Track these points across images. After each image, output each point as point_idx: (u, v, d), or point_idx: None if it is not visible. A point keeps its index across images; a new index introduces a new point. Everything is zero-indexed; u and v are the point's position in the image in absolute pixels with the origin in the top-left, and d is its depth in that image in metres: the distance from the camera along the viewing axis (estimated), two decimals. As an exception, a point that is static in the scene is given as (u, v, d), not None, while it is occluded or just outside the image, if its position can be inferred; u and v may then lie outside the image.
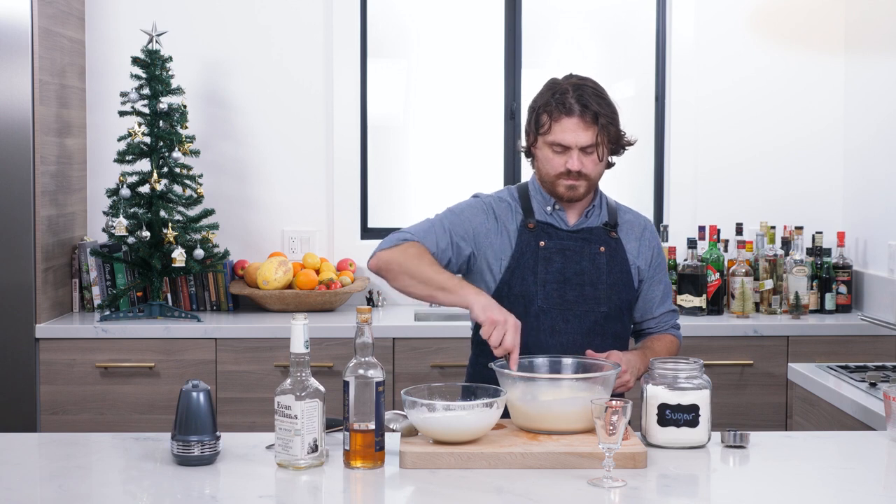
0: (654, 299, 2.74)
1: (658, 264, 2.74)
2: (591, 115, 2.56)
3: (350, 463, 2.12)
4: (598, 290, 2.63)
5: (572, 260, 2.63)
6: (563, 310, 2.61)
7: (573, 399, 2.25)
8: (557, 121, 2.57)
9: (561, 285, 2.62)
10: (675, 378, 2.28)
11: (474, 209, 2.68)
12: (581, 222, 2.67)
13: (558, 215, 2.67)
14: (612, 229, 2.68)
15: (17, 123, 3.75)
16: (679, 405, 2.26)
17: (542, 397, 2.27)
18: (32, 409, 3.78)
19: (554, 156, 2.59)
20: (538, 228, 2.65)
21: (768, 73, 4.43)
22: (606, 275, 2.64)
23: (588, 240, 2.65)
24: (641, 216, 2.77)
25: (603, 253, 2.65)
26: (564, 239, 2.65)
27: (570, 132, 2.56)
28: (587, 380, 2.29)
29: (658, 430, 2.27)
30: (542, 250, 2.63)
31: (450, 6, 4.54)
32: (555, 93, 2.60)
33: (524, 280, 2.62)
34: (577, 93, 2.58)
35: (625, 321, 2.70)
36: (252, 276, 4.14)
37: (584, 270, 2.63)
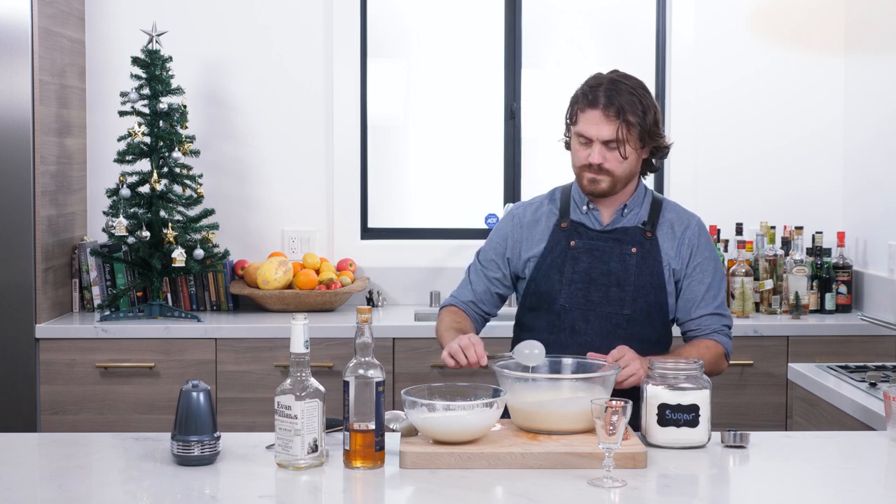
0: (694, 300, 2.65)
1: (699, 263, 2.65)
2: (616, 110, 2.55)
3: (350, 463, 2.12)
4: (624, 292, 2.61)
5: (600, 260, 2.63)
6: (586, 310, 2.62)
7: (573, 399, 2.25)
8: (583, 111, 2.59)
9: (586, 285, 2.62)
10: (675, 378, 2.28)
11: (500, 228, 2.78)
12: (615, 221, 2.67)
13: (592, 215, 2.68)
14: (649, 229, 2.65)
15: (17, 123, 3.75)
16: (679, 405, 2.26)
17: (542, 397, 2.27)
18: (32, 409, 3.78)
19: (579, 147, 2.62)
20: (570, 228, 2.67)
21: (768, 73, 4.43)
22: (635, 276, 2.61)
23: (620, 240, 2.64)
24: (688, 214, 2.71)
25: (634, 254, 2.63)
26: (595, 239, 2.65)
27: (593, 124, 2.57)
28: (587, 380, 2.29)
29: (658, 430, 2.27)
30: (572, 250, 2.65)
31: (450, 6, 4.54)
32: (589, 84, 2.62)
33: (549, 278, 2.65)
34: (609, 86, 2.58)
35: (655, 324, 2.64)
36: (252, 276, 4.14)
37: (612, 271, 2.62)
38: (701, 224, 2.71)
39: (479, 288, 2.77)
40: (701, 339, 2.66)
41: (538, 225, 2.71)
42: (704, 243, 2.68)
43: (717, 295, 2.67)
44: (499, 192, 4.52)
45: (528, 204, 2.79)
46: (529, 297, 2.69)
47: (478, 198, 4.54)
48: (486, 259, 2.78)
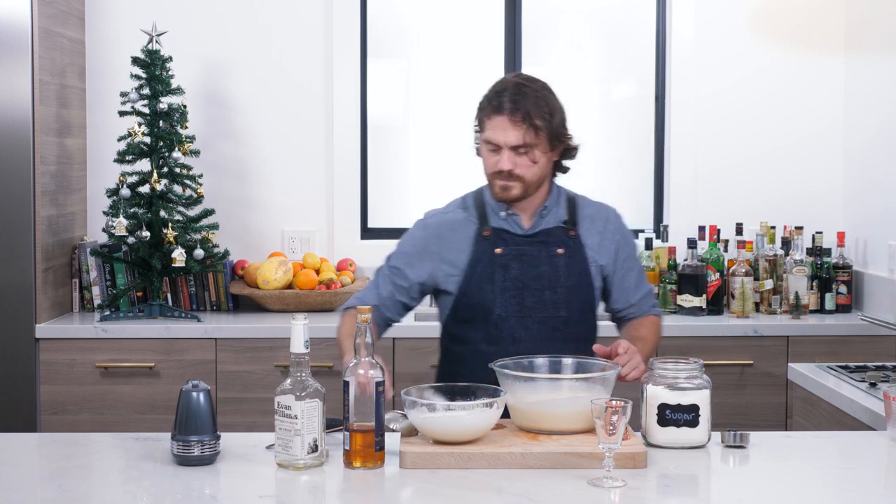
0: (630, 287, 2.71)
1: (627, 254, 2.71)
2: (522, 115, 2.53)
3: (350, 463, 2.12)
4: (556, 295, 2.60)
5: (529, 265, 2.61)
6: (523, 317, 2.59)
7: (573, 399, 2.25)
8: (489, 118, 2.57)
9: (519, 292, 2.59)
10: (675, 378, 2.28)
11: (414, 238, 2.70)
12: (536, 224, 2.64)
13: (512, 220, 2.65)
14: (570, 228, 2.65)
15: (17, 123, 3.75)
16: (679, 405, 2.26)
17: (542, 397, 2.27)
18: (32, 409, 3.78)
19: (489, 154, 2.59)
20: (494, 235, 2.63)
21: (768, 73, 4.43)
22: (565, 278, 2.61)
23: (545, 242, 2.63)
24: (604, 207, 2.73)
25: (561, 255, 2.62)
26: (521, 244, 2.62)
27: (500, 130, 2.55)
28: (587, 380, 2.29)
29: (658, 430, 2.27)
30: (499, 257, 2.61)
31: (450, 6, 4.54)
32: (494, 91, 2.59)
33: (481, 289, 2.60)
34: (514, 91, 2.55)
35: (588, 323, 2.67)
36: (252, 276, 4.14)
37: (543, 275, 2.61)
38: (618, 215, 2.74)
39: (384, 293, 2.67)
40: (641, 318, 2.73)
41: (457, 235, 2.65)
42: (626, 234, 2.73)
43: (644, 276, 2.77)
44: (499, 192, 4.51)
45: (441, 213, 2.72)
46: (461, 310, 2.62)
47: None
48: (395, 267, 2.68)
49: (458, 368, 2.62)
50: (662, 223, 4.40)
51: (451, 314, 2.66)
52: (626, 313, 2.75)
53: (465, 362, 2.62)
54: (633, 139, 4.59)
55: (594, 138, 4.59)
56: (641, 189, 4.55)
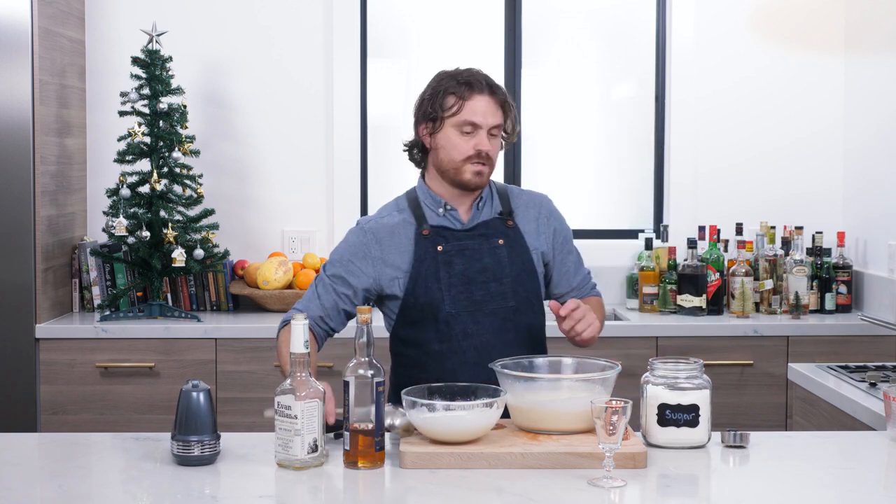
0: (569, 270, 2.73)
1: (564, 237, 2.73)
2: (501, 95, 2.60)
3: (350, 463, 2.12)
4: (503, 285, 2.61)
5: (473, 258, 2.61)
6: (473, 311, 2.59)
7: (572, 399, 2.25)
8: (469, 99, 2.57)
9: (466, 286, 2.59)
10: (675, 378, 2.28)
11: (352, 244, 2.65)
12: (474, 217, 2.65)
13: (451, 216, 2.64)
14: (507, 217, 2.66)
15: (17, 123, 3.75)
16: (679, 405, 2.26)
17: (542, 397, 2.27)
18: (32, 409, 3.78)
19: (462, 138, 2.58)
20: (433, 233, 2.62)
21: (768, 73, 4.43)
22: (509, 267, 2.61)
23: (485, 235, 2.63)
24: (536, 195, 2.75)
25: (503, 245, 2.63)
26: (462, 239, 2.62)
27: (481, 110, 2.57)
28: (587, 380, 2.29)
29: (658, 430, 2.27)
30: (442, 255, 2.60)
31: (450, 6, 4.54)
32: (457, 76, 2.61)
33: (428, 288, 2.59)
34: (481, 75, 2.62)
35: (536, 310, 2.67)
36: (252, 276, 4.14)
37: (487, 267, 2.61)
38: (550, 202, 2.76)
39: (327, 303, 2.62)
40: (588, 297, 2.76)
41: (395, 237, 2.64)
42: (560, 218, 2.75)
43: (581, 260, 2.79)
44: (499, 192, 4.52)
45: (377, 218, 2.70)
46: (409, 312, 2.60)
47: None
48: (334, 275, 2.63)
49: (413, 372, 2.59)
50: (662, 223, 4.40)
51: (399, 318, 2.64)
52: (568, 297, 2.72)
53: (419, 365, 2.61)
54: (633, 139, 4.59)
55: (594, 138, 4.59)
56: (641, 189, 4.55)
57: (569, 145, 4.57)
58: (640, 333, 3.88)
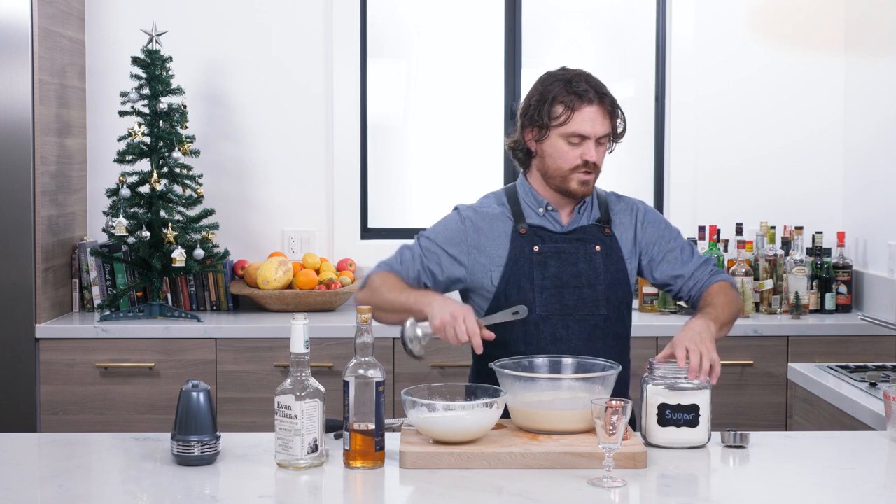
0: (675, 262, 2.63)
1: (665, 235, 2.64)
2: (609, 103, 2.54)
3: (350, 463, 2.12)
4: (596, 292, 2.57)
5: (568, 262, 2.57)
6: (563, 315, 2.55)
7: (573, 399, 2.25)
8: (578, 110, 2.51)
9: (559, 290, 2.55)
10: (675, 378, 2.28)
11: (451, 228, 2.62)
12: (574, 221, 2.61)
13: (551, 216, 2.61)
14: (605, 225, 2.62)
15: (17, 123, 3.75)
16: (679, 405, 2.26)
17: (542, 397, 2.27)
18: (32, 409, 3.78)
19: (569, 148, 2.53)
20: (531, 233, 2.59)
21: (768, 73, 4.43)
22: (604, 275, 2.57)
23: (583, 240, 2.59)
24: (633, 201, 2.70)
25: (599, 252, 2.59)
26: (559, 241, 2.59)
27: (590, 121, 2.51)
28: (587, 380, 2.29)
29: (658, 430, 2.27)
30: (537, 255, 2.57)
31: (450, 6, 4.54)
32: (567, 82, 2.54)
33: (521, 288, 2.55)
34: (591, 82, 2.55)
35: (625, 321, 2.63)
36: (252, 276, 4.14)
37: (582, 272, 2.57)
38: (646, 206, 2.70)
39: (410, 273, 2.58)
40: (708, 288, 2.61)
41: (494, 230, 2.60)
42: (658, 221, 2.68)
43: (692, 251, 2.67)
44: (499, 192, 4.52)
45: (477, 208, 2.66)
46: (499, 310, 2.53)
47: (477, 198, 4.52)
48: (430, 249, 2.59)
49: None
50: (662, 223, 4.39)
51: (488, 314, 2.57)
52: (685, 291, 2.64)
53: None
54: (633, 139, 4.59)
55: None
56: (641, 189, 4.55)
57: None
58: (640, 333, 3.87)
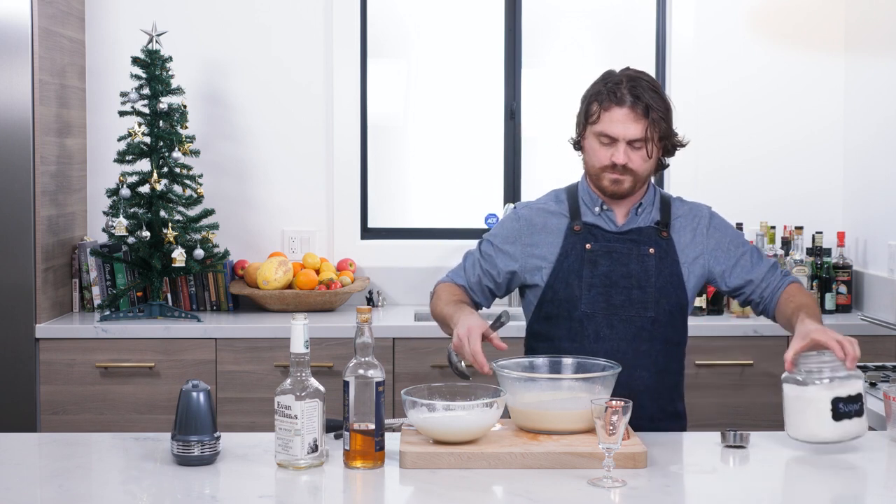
0: (746, 267, 2.61)
1: (730, 241, 2.62)
2: (643, 108, 2.50)
3: (350, 463, 2.12)
4: (646, 294, 2.55)
5: (620, 262, 2.56)
6: (609, 314, 2.54)
7: (572, 399, 2.25)
8: (607, 110, 2.51)
9: (607, 289, 2.54)
10: (833, 370, 2.24)
11: (507, 227, 2.67)
12: (630, 222, 2.60)
13: (606, 216, 2.60)
14: (663, 228, 2.60)
15: (17, 123, 3.75)
16: (850, 396, 2.22)
17: (542, 397, 2.27)
18: (32, 409, 3.78)
19: (600, 147, 2.53)
20: (584, 230, 2.59)
21: (768, 73, 4.43)
22: (655, 277, 2.55)
23: (637, 241, 2.58)
24: (698, 206, 2.67)
25: (652, 255, 2.57)
26: (612, 241, 2.58)
27: (619, 123, 2.50)
28: (587, 380, 2.29)
29: (832, 426, 2.21)
30: (589, 253, 2.56)
31: (450, 6, 4.54)
32: (608, 82, 2.55)
33: (569, 284, 2.55)
34: (630, 83, 2.52)
35: (677, 325, 2.59)
36: (252, 276, 4.14)
37: (632, 273, 2.55)
38: (711, 212, 2.67)
39: (472, 278, 2.67)
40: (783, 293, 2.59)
41: (548, 228, 2.62)
42: (723, 226, 2.66)
43: (760, 256, 2.64)
44: (499, 192, 4.52)
45: (534, 205, 2.69)
46: (546, 306, 2.58)
47: (478, 198, 4.54)
48: (487, 252, 2.66)
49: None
50: (662, 223, 4.39)
51: (537, 310, 2.61)
52: (758, 297, 2.62)
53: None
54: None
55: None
56: (641, 189, 4.55)
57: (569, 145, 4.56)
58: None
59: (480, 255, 2.68)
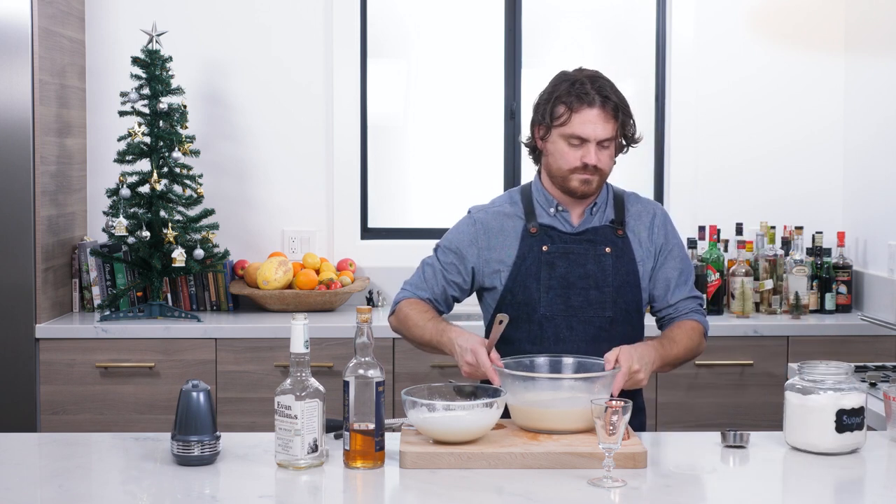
0: (668, 286, 2.62)
1: (670, 250, 2.63)
2: (612, 108, 2.51)
3: (350, 463, 2.12)
4: (603, 294, 2.56)
5: (577, 263, 2.56)
6: (568, 316, 2.55)
7: (573, 399, 2.25)
8: (578, 112, 2.51)
9: (565, 290, 2.55)
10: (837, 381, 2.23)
11: (462, 233, 2.66)
12: (585, 222, 2.60)
13: (561, 216, 2.60)
14: (618, 227, 2.61)
15: (17, 123, 3.75)
16: (853, 409, 2.21)
17: (542, 397, 2.27)
18: (32, 409, 3.78)
19: (569, 149, 2.53)
20: (541, 232, 2.59)
21: (768, 73, 4.43)
22: (612, 277, 2.56)
23: (593, 241, 2.58)
24: (650, 204, 2.68)
25: (609, 254, 2.57)
26: (568, 242, 2.58)
27: (591, 124, 2.50)
28: (587, 379, 2.29)
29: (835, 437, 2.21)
30: (545, 255, 2.57)
31: (450, 6, 4.54)
32: (573, 83, 2.54)
33: (527, 287, 2.56)
34: (595, 84, 2.53)
35: (634, 324, 2.61)
36: (252, 276, 4.14)
37: (590, 274, 2.56)
38: (665, 213, 2.69)
39: (437, 290, 2.65)
40: (680, 320, 2.63)
41: (504, 231, 2.62)
42: (671, 231, 2.67)
43: (689, 278, 2.66)
44: (499, 192, 4.49)
45: (489, 208, 2.68)
46: (505, 309, 2.56)
47: (478, 198, 4.49)
48: (446, 261, 2.64)
49: None
50: (662, 223, 4.39)
51: (495, 313, 2.59)
52: (663, 313, 2.66)
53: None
54: (633, 139, 4.58)
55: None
56: (641, 189, 4.52)
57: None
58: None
59: (441, 265, 2.66)
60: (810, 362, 2.29)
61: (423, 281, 2.67)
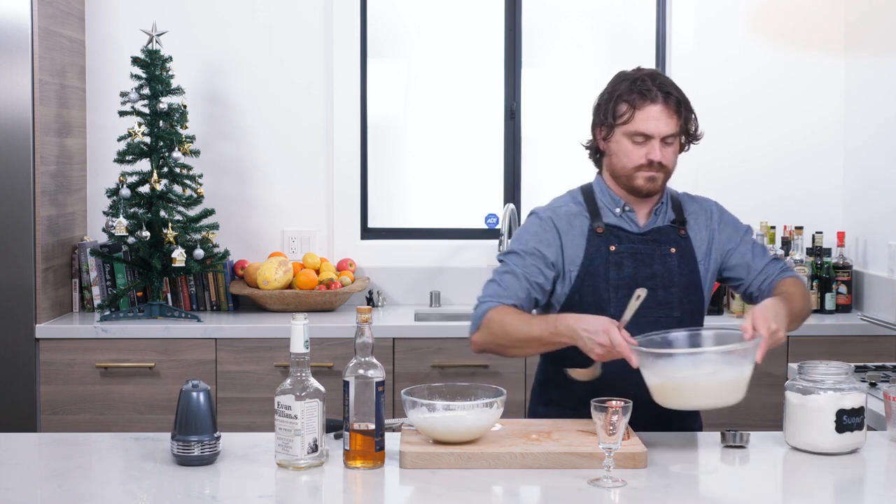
0: (746, 258, 2.60)
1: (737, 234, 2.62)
2: (675, 103, 2.50)
3: (350, 463, 2.12)
4: (670, 294, 2.53)
5: (644, 263, 2.54)
6: (637, 317, 2.46)
7: (716, 372, 2.20)
8: (640, 109, 2.49)
9: (633, 291, 2.47)
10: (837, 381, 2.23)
11: (536, 233, 2.57)
12: (651, 222, 2.58)
13: (628, 217, 2.58)
14: (680, 226, 2.59)
15: (17, 123, 3.75)
16: (853, 409, 2.21)
17: (684, 373, 2.21)
18: (32, 409, 3.78)
19: (633, 147, 2.50)
20: (607, 232, 2.56)
21: (768, 73, 4.43)
22: (678, 277, 2.54)
23: (658, 241, 2.56)
24: (706, 202, 2.67)
25: (674, 254, 2.56)
26: (635, 242, 2.55)
27: (654, 120, 2.48)
28: (729, 352, 2.22)
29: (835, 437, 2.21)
30: (613, 255, 2.54)
31: (450, 6, 4.54)
32: (633, 81, 2.52)
33: (596, 287, 2.52)
34: (656, 81, 2.51)
35: (698, 325, 2.56)
36: (252, 276, 4.14)
37: (657, 274, 2.53)
38: (720, 207, 2.68)
39: (521, 294, 2.52)
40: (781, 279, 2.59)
41: (572, 230, 2.57)
42: (730, 221, 2.65)
43: (764, 250, 2.65)
44: (499, 192, 4.52)
45: (555, 208, 2.62)
46: (574, 309, 2.50)
47: (478, 198, 4.54)
48: (528, 264, 2.53)
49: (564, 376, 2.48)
50: (662, 223, 4.39)
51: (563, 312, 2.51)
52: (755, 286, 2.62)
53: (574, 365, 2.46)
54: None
55: (594, 138, 4.59)
56: (641, 189, 4.55)
57: (569, 145, 4.57)
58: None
59: (522, 269, 2.54)
60: (810, 362, 2.29)
61: (503, 290, 2.53)
